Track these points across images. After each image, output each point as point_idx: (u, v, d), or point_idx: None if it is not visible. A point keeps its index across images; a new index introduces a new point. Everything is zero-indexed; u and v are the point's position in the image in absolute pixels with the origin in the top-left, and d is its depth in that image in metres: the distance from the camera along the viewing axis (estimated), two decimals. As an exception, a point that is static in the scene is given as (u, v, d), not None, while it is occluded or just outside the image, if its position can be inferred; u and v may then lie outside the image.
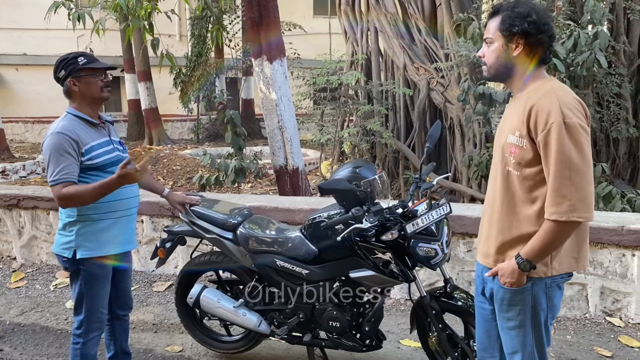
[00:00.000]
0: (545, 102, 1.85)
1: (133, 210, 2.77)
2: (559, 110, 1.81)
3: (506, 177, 2.01)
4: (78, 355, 2.67)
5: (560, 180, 1.81)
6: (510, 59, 1.97)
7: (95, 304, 2.64)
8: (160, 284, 4.67)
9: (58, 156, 2.45)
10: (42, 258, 5.25)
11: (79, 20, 5.77)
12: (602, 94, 7.56)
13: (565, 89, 1.91)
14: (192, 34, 15.75)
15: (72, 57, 2.57)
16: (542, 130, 1.83)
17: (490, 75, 2.06)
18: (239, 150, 6.24)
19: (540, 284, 1.98)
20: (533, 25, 1.90)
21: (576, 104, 1.86)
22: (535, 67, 1.97)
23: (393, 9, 9.07)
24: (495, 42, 1.98)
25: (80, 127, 2.56)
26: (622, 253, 3.75)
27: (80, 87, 2.57)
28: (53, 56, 16.39)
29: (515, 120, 1.94)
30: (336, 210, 2.80)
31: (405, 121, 8.97)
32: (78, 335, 2.67)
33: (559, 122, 1.80)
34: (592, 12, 5.60)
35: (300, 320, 2.99)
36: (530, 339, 2.04)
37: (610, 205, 5.04)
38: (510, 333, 2.08)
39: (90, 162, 2.53)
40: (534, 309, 2.01)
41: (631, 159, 8.22)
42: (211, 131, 17.61)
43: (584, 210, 1.81)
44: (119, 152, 2.70)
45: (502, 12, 1.97)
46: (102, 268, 2.64)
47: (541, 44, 1.93)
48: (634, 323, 3.77)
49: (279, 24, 5.52)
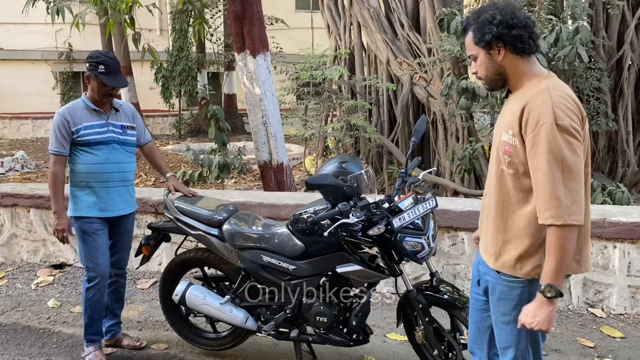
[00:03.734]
0: (538, 102, 1.83)
1: (114, 184, 3.22)
2: (551, 111, 1.78)
3: (500, 175, 2.00)
4: (84, 298, 3.24)
5: (552, 183, 1.78)
6: (498, 66, 1.96)
7: (87, 255, 3.19)
8: (144, 282, 4.63)
9: (57, 131, 3.10)
10: (22, 256, 5.16)
11: (58, 14, 5.67)
12: (582, 88, 7.65)
13: (561, 88, 1.88)
14: (173, 28, 15.61)
15: (97, 60, 3.08)
16: (532, 130, 1.81)
17: (489, 86, 2.06)
18: (223, 145, 6.20)
19: (536, 282, 1.95)
20: (502, 25, 1.89)
21: (570, 105, 1.83)
22: (525, 61, 1.95)
23: (376, 3, 9.08)
24: (478, 55, 1.98)
25: (79, 110, 3.15)
26: (603, 245, 3.80)
27: (91, 84, 3.15)
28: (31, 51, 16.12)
29: (510, 119, 1.93)
30: (322, 205, 2.80)
31: (388, 116, 9.00)
32: (84, 280, 3.24)
33: (550, 124, 1.77)
34: (572, 7, 5.67)
35: (287, 316, 2.98)
36: (525, 335, 2.03)
37: (591, 198, 5.11)
38: (505, 328, 2.07)
39: (79, 139, 3.11)
40: None
41: (610, 152, 8.35)
42: (193, 127, 17.47)
43: (576, 214, 1.78)
44: (113, 134, 3.21)
45: (470, 26, 1.98)
46: (89, 224, 3.17)
47: (519, 38, 1.90)
48: (615, 314, 3.84)
49: (262, 18, 5.48)
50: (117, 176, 3.22)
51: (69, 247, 4.95)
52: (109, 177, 3.19)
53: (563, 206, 1.77)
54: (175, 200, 3.26)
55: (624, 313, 3.83)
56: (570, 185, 1.78)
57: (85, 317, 3.27)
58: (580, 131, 1.82)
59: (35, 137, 17.49)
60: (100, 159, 3.15)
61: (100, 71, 3.06)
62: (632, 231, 3.69)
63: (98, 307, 3.25)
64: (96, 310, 3.25)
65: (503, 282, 2.02)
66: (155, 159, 3.54)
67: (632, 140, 8.23)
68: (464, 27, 2.02)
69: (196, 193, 3.44)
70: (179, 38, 15.48)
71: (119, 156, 3.23)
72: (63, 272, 4.90)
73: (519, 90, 1.97)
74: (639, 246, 3.72)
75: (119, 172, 3.23)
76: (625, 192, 5.17)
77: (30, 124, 17.70)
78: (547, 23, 5.76)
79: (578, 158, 1.80)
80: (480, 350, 2.28)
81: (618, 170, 8.18)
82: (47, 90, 17.50)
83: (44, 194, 4.90)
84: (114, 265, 3.38)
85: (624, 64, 8.06)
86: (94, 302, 3.22)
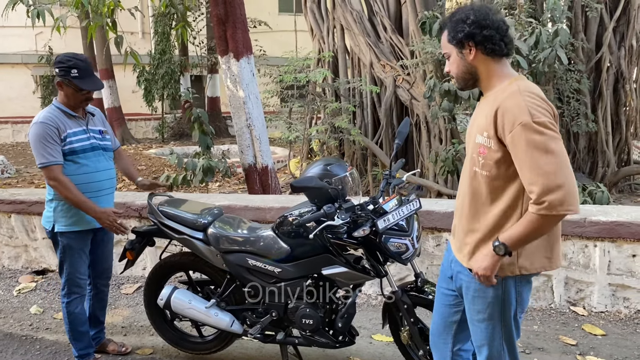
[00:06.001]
0: (512, 103, 1.85)
1: (106, 192, 3.13)
2: (527, 111, 1.81)
3: (473, 177, 2.03)
4: (65, 313, 3.14)
5: (544, 176, 1.78)
6: (469, 64, 2.00)
7: (72, 270, 3.09)
8: (128, 286, 4.59)
9: (45, 142, 2.87)
10: (4, 263, 5.09)
11: (39, 17, 5.60)
12: (563, 90, 7.77)
13: (532, 89, 1.91)
14: (156, 31, 15.51)
15: (68, 64, 2.90)
16: (509, 130, 1.84)
17: (460, 85, 2.10)
18: (207, 148, 6.17)
19: (510, 279, 2.01)
20: (474, 24, 1.93)
21: (543, 104, 1.87)
22: (496, 63, 1.99)
23: (358, 6, 9.12)
24: (451, 54, 2.04)
25: (59, 117, 2.96)
26: (584, 244, 3.86)
27: (65, 91, 2.97)
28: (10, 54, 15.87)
29: (483, 121, 1.95)
30: (308, 207, 2.80)
31: (372, 118, 9.04)
32: (63, 295, 3.14)
33: (527, 123, 1.80)
34: (552, 9, 5.75)
35: (273, 319, 2.98)
36: (499, 333, 2.07)
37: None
38: (480, 326, 2.11)
39: (65, 147, 2.94)
40: (503, 303, 2.04)
41: (590, 152, 8.49)
42: (176, 130, 17.39)
43: (572, 203, 1.78)
44: (95, 140, 3.09)
45: (446, 25, 2.04)
46: (77, 240, 3.06)
47: (490, 38, 1.93)
48: (596, 311, 3.90)
49: (245, 21, 5.47)
50: (107, 184, 3.14)
51: (52, 253, 4.90)
52: (101, 186, 3.09)
53: (556, 197, 1.77)
54: (160, 204, 3.25)
55: (605, 311, 3.89)
56: (561, 176, 1.78)
57: (72, 334, 3.18)
58: (557, 126, 1.87)
59: (15, 141, 17.26)
60: (89, 168, 3.03)
61: (73, 76, 2.89)
62: (612, 230, 3.76)
63: (83, 318, 3.19)
64: (82, 322, 3.19)
65: (482, 290, 2.05)
66: (125, 164, 3.46)
67: (611, 140, 8.38)
68: (440, 27, 2.08)
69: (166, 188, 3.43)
70: (161, 41, 15.40)
71: (105, 163, 3.14)
72: (45, 278, 4.84)
73: (491, 92, 2.00)
74: (618, 245, 3.79)
75: (108, 180, 3.15)
76: (605, 192, 5.26)
77: (10, 128, 17.48)
78: (527, 26, 5.84)
79: (561, 150, 1.82)
80: (444, 345, 2.32)
81: (598, 171, 8.31)
82: (28, 94, 17.28)
83: (25, 199, 4.84)
84: (100, 275, 3.34)
85: (603, 66, 8.21)
86: (79, 315, 3.16)
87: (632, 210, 3.97)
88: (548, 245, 1.98)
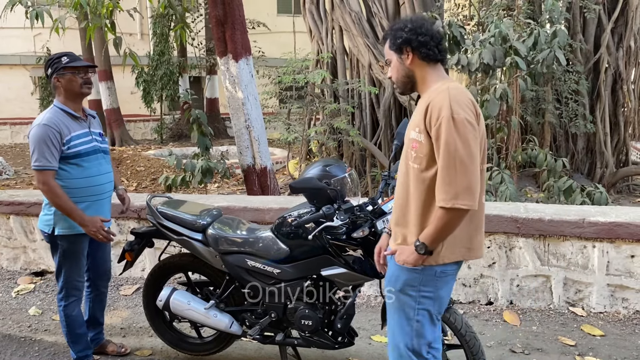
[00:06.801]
0: (439, 99, 2.02)
1: (106, 195, 3.14)
2: (448, 106, 1.97)
3: (406, 173, 2.17)
4: (63, 316, 3.12)
5: (446, 170, 1.96)
6: (407, 69, 2.18)
7: (71, 273, 3.08)
8: (127, 288, 4.59)
9: (43, 145, 2.84)
10: (2, 264, 5.09)
11: (37, 18, 5.60)
12: (561, 91, 7.79)
13: (460, 88, 2.08)
14: (154, 32, 15.51)
15: (57, 56, 2.95)
16: (434, 124, 2.00)
17: (399, 89, 2.27)
18: (206, 150, 6.17)
19: (430, 271, 2.14)
20: (411, 32, 2.12)
21: (467, 102, 2.02)
22: (431, 68, 2.16)
23: (357, 7, 9.13)
24: (392, 60, 2.21)
25: (63, 119, 2.93)
26: (583, 245, 3.87)
27: (63, 83, 2.94)
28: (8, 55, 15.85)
29: (417, 118, 2.12)
30: (307, 208, 2.80)
31: (371, 119, 9.05)
32: (60, 298, 3.12)
33: (447, 117, 1.96)
34: (550, 11, 5.76)
35: (272, 320, 2.98)
36: (413, 323, 2.19)
37: (571, 198, 5.21)
38: (392, 311, 2.26)
39: (69, 151, 2.91)
40: (418, 293, 2.16)
41: (589, 153, 8.51)
42: (175, 131, 17.39)
43: (465, 199, 1.95)
44: (97, 142, 3.08)
45: (388, 34, 2.22)
46: (77, 244, 3.05)
47: (424, 44, 2.11)
48: (595, 312, 3.90)
49: (244, 22, 5.48)
50: (107, 187, 3.14)
51: (50, 254, 4.89)
52: (103, 189, 3.09)
53: (452, 191, 1.96)
54: (159, 206, 3.25)
55: (604, 311, 3.90)
56: (462, 172, 1.95)
57: (70, 336, 3.17)
58: (475, 125, 2.01)
59: (13, 142, 17.25)
60: (92, 172, 3.01)
61: (65, 62, 2.92)
62: (610, 231, 3.76)
63: (80, 320, 3.18)
64: (79, 324, 3.18)
65: (403, 270, 2.17)
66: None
67: (609, 141, 8.40)
68: (383, 36, 2.25)
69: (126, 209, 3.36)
70: (160, 42, 15.40)
71: (106, 166, 3.13)
72: (44, 279, 4.83)
73: (425, 93, 2.16)
74: (617, 245, 3.79)
75: (108, 183, 3.15)
76: (604, 192, 5.27)
77: (9, 129, 17.47)
78: (525, 27, 5.85)
79: (471, 148, 1.97)
80: None
81: (596, 171, 8.33)
82: (26, 96, 17.28)
83: (24, 200, 4.84)
84: (101, 277, 3.35)
85: (601, 67, 8.23)
86: (76, 317, 3.15)
87: (631, 211, 3.98)
88: (467, 236, 2.13)
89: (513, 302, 4.05)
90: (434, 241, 2.05)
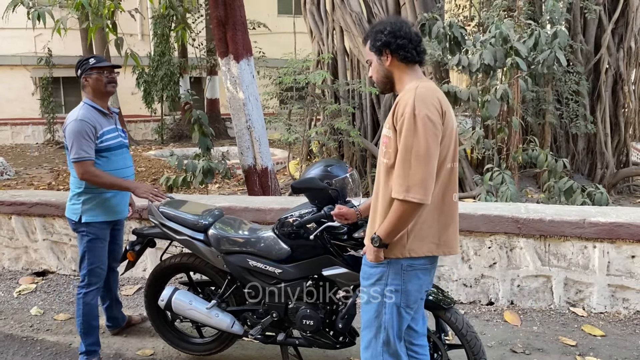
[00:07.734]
0: (406, 97, 2.09)
1: None
2: (412, 104, 2.03)
3: (379, 170, 2.23)
4: (81, 304, 3.24)
5: (402, 163, 2.03)
6: (386, 70, 2.24)
7: (95, 260, 3.24)
8: (129, 288, 4.59)
9: (81, 139, 3.06)
10: (4, 264, 5.09)
11: (39, 19, 5.61)
12: (562, 92, 7.80)
13: (430, 87, 2.13)
14: (155, 33, 15.53)
15: (85, 58, 3.24)
16: (399, 120, 2.07)
17: (380, 88, 2.34)
18: (207, 150, 6.18)
19: (396, 264, 2.18)
20: (389, 34, 2.19)
21: (432, 100, 2.06)
22: (409, 69, 2.22)
23: (358, 8, 9.14)
24: (372, 61, 2.28)
25: (95, 115, 3.18)
26: (583, 245, 3.88)
27: (91, 82, 3.20)
28: (9, 56, 15.86)
29: (389, 115, 2.18)
30: (308, 209, 2.81)
31: (371, 119, 9.06)
32: (81, 287, 3.26)
33: (409, 114, 2.02)
34: (551, 11, 5.77)
35: (274, 320, 2.99)
36: (382, 317, 2.23)
37: (571, 199, 5.21)
38: (364, 308, 2.30)
39: (101, 144, 3.16)
40: (385, 287, 2.20)
41: (589, 154, 8.52)
42: (175, 131, 17.40)
43: (417, 192, 2.00)
44: (121, 138, 3.34)
45: (369, 36, 2.28)
46: (102, 231, 3.26)
47: (402, 47, 2.17)
48: (596, 312, 3.91)
49: (245, 23, 5.49)
50: (130, 179, 3.36)
51: (52, 255, 4.90)
52: None
53: (405, 184, 2.01)
54: (160, 206, 3.26)
55: (605, 312, 3.90)
56: (416, 167, 2.01)
57: (82, 326, 3.25)
58: (438, 123, 2.05)
59: (14, 143, 17.26)
60: (119, 164, 3.26)
61: (93, 64, 3.18)
62: (611, 231, 3.77)
63: (96, 311, 3.29)
64: (95, 316, 3.28)
65: (371, 265, 2.23)
66: None
67: (610, 142, 8.41)
68: (364, 38, 2.31)
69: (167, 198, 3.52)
70: (160, 43, 15.42)
71: (129, 160, 3.41)
72: (46, 279, 4.84)
73: (400, 93, 2.22)
74: (618, 246, 3.80)
75: (131, 176, 3.38)
76: (604, 193, 5.27)
77: (9, 130, 17.48)
78: (526, 28, 5.86)
79: (429, 144, 2.02)
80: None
81: (597, 172, 8.33)
82: (27, 96, 17.29)
83: (25, 200, 4.85)
84: (115, 259, 3.54)
85: (602, 68, 8.24)
86: (93, 306, 3.27)
87: (631, 211, 3.99)
88: (436, 233, 2.18)
89: (514, 302, 4.05)
90: (389, 234, 2.10)
